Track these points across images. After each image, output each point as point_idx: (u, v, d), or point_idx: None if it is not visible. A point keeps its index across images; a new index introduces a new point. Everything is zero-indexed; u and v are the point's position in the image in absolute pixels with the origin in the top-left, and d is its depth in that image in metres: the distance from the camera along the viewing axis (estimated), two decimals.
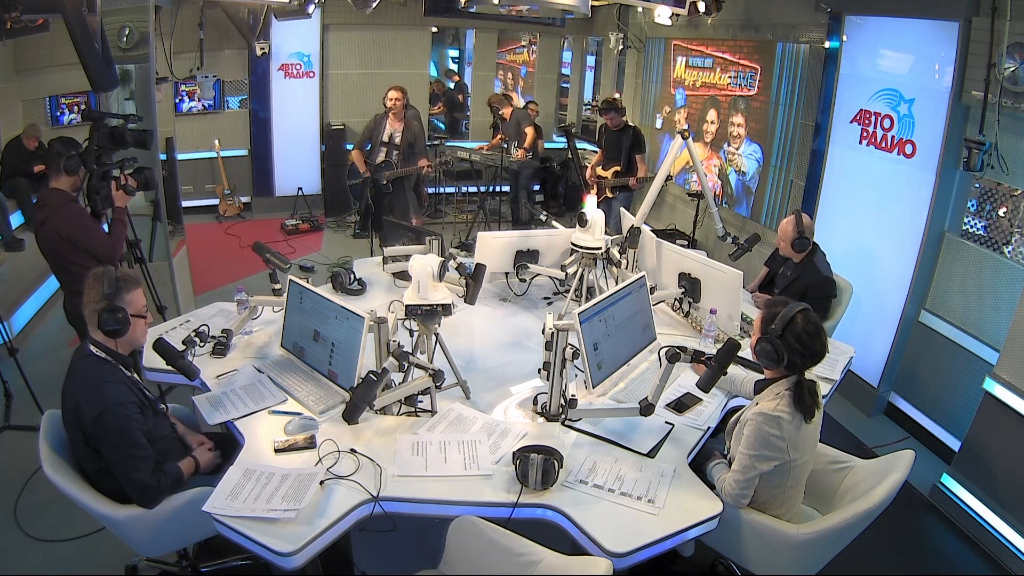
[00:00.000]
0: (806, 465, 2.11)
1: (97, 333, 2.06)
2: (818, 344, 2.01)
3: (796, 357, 2.00)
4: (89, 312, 2.04)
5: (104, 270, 2.06)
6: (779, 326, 1.99)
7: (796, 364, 2.02)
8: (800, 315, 1.99)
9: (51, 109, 5.73)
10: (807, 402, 2.01)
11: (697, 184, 5.49)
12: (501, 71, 9.04)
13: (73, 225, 2.88)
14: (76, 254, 2.89)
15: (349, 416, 2.13)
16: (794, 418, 2.00)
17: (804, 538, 2.00)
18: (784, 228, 3.30)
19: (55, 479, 1.99)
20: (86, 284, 2.06)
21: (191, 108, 6.90)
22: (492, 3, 4.34)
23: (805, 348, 1.99)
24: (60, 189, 2.92)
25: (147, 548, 2.20)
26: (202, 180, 7.07)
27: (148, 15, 4.06)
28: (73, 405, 2.01)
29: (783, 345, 1.99)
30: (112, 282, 2.03)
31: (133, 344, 2.14)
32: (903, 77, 3.76)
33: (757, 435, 2.00)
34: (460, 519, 1.84)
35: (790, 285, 3.32)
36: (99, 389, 1.99)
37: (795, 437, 2.01)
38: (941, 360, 3.58)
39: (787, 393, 2.02)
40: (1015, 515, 2.88)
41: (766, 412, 2.00)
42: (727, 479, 2.08)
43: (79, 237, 2.89)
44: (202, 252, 5.77)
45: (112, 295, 2.02)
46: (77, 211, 2.95)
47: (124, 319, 2.03)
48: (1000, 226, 3.30)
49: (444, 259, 2.45)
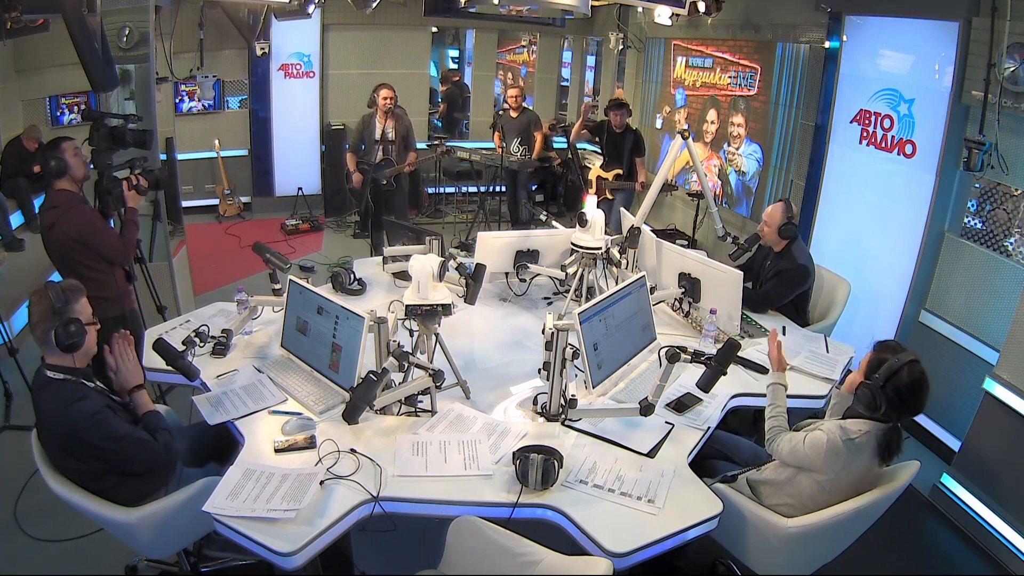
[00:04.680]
0: (834, 495, 2.08)
1: (51, 355, 1.98)
2: (919, 401, 1.98)
3: (893, 409, 1.97)
4: (40, 333, 1.95)
5: (48, 284, 1.98)
6: (883, 376, 1.96)
7: (891, 416, 2.00)
8: (907, 368, 1.95)
9: (51, 109, 5.73)
10: (891, 449, 2.02)
11: (697, 184, 5.49)
12: (501, 71, 9.04)
13: (84, 228, 2.85)
14: (87, 256, 2.87)
15: (349, 416, 2.13)
16: (864, 453, 2.01)
17: (793, 531, 2.01)
18: (772, 213, 3.28)
19: (56, 488, 1.98)
20: (29, 303, 1.97)
21: (191, 108, 6.90)
22: (492, 3, 4.34)
23: (904, 403, 1.96)
24: (66, 189, 2.89)
25: (152, 549, 2.20)
26: (202, 180, 7.06)
27: (148, 15, 4.06)
28: (56, 439, 1.96)
29: (883, 395, 1.96)
30: (59, 295, 1.95)
31: (88, 355, 2.06)
32: (903, 77, 3.76)
33: (828, 444, 2.00)
34: (460, 519, 1.84)
35: (770, 276, 3.30)
36: (72, 410, 1.92)
37: (851, 464, 2.02)
38: (941, 360, 3.58)
39: (874, 434, 2.01)
40: (1015, 515, 2.88)
41: (848, 429, 2.00)
42: (785, 442, 2.10)
43: (91, 239, 2.86)
44: (202, 252, 5.77)
45: (63, 308, 1.95)
46: (87, 212, 2.92)
47: (80, 330, 1.97)
48: (1000, 225, 3.30)
49: (444, 259, 2.45)
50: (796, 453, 2.07)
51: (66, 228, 2.83)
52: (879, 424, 2.02)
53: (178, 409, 3.11)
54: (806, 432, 2.09)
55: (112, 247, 2.92)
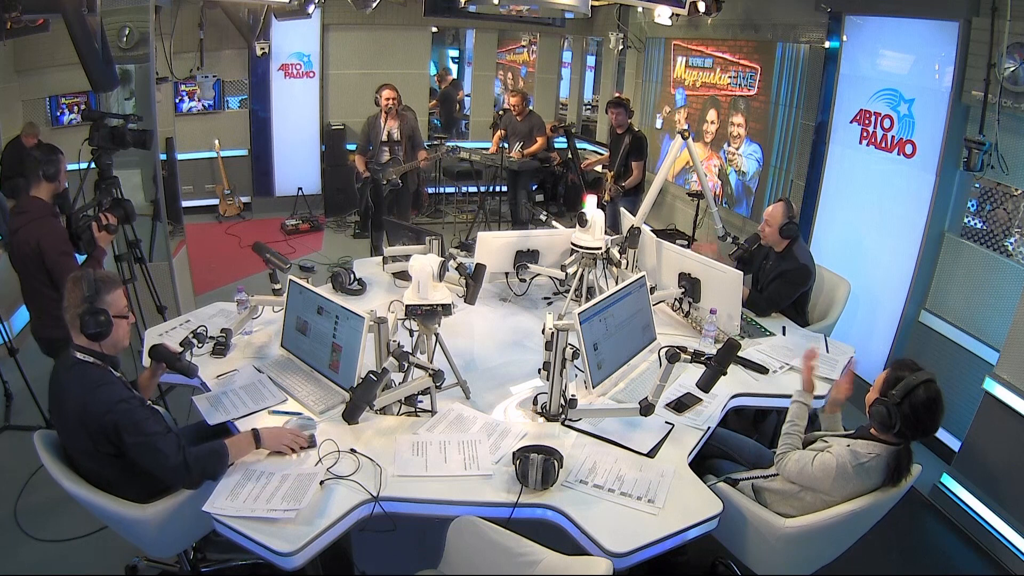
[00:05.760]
0: None
1: (80, 338, 2.00)
2: (934, 421, 1.98)
3: (908, 428, 1.97)
4: (71, 316, 1.99)
5: (83, 272, 2.02)
6: (900, 393, 1.95)
7: (906, 435, 2.00)
8: (923, 386, 1.94)
9: (51, 109, 5.73)
10: (901, 471, 2.01)
11: (697, 184, 5.49)
12: (501, 71, 9.04)
13: (47, 245, 2.74)
14: (39, 269, 2.76)
15: (349, 416, 2.13)
16: (873, 476, 2.00)
17: (791, 531, 2.01)
18: (773, 213, 3.27)
19: (63, 482, 1.98)
20: (65, 288, 2.00)
21: (191, 108, 6.90)
22: (492, 3, 4.34)
23: (919, 421, 1.96)
24: (40, 198, 2.82)
25: (157, 548, 2.20)
26: (202, 180, 7.06)
27: (148, 15, 4.06)
28: (75, 415, 1.96)
29: (898, 413, 1.95)
30: (92, 284, 1.99)
31: (117, 346, 2.09)
32: (903, 77, 3.76)
33: (838, 469, 1.99)
34: (460, 519, 1.84)
35: (770, 276, 3.30)
36: (97, 392, 1.95)
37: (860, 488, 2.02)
38: (941, 360, 3.58)
39: (884, 456, 2.01)
40: (1015, 515, 2.88)
41: (858, 452, 2.00)
42: (793, 462, 2.09)
43: (48, 254, 2.74)
44: (202, 252, 5.77)
45: (93, 297, 1.98)
46: (56, 227, 2.82)
47: (107, 321, 1.99)
48: (1000, 225, 3.30)
49: (444, 259, 2.44)
50: (804, 474, 2.05)
51: (29, 235, 2.73)
52: (889, 447, 2.02)
53: (178, 409, 3.13)
54: (815, 453, 2.07)
55: (65, 273, 2.68)
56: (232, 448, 2.03)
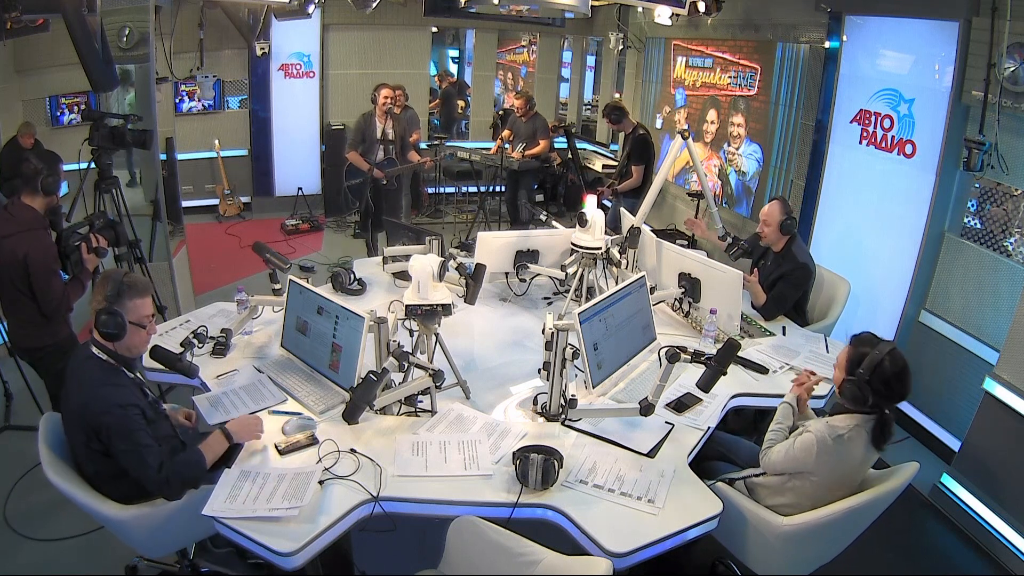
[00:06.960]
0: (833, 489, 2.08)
1: (97, 333, 2.04)
2: (905, 387, 2.01)
3: (881, 399, 2.00)
4: (92, 310, 2.03)
5: (114, 271, 2.04)
6: (867, 370, 1.98)
7: (879, 406, 2.02)
8: (888, 358, 1.98)
9: (51, 109, 5.72)
10: (885, 434, 2.04)
11: (697, 184, 5.49)
12: (501, 71, 9.04)
13: (35, 256, 2.67)
14: (23, 281, 2.69)
15: (349, 416, 2.13)
16: (857, 445, 2.02)
17: (789, 529, 2.01)
18: (770, 212, 3.27)
19: (56, 481, 1.99)
20: (97, 281, 2.03)
21: (191, 108, 6.90)
22: (492, 3, 4.34)
23: (891, 391, 2.00)
24: (33, 208, 2.74)
25: (148, 548, 2.20)
26: (202, 180, 7.06)
27: (148, 15, 4.06)
28: (76, 406, 2.00)
29: (869, 388, 1.98)
30: (116, 285, 2.01)
31: (131, 351, 2.11)
32: (903, 77, 3.76)
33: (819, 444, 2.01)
34: (460, 519, 1.84)
35: (770, 277, 3.30)
36: (102, 390, 1.98)
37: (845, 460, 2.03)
38: (941, 360, 3.58)
39: (863, 426, 2.03)
40: (1015, 515, 2.88)
41: (835, 426, 2.02)
42: (776, 452, 2.11)
43: (34, 268, 2.67)
44: (202, 252, 5.76)
45: (114, 298, 2.00)
46: (46, 243, 2.75)
47: (121, 324, 2.00)
48: (1000, 225, 3.30)
49: (444, 259, 2.45)
50: (788, 458, 2.08)
51: (17, 248, 2.66)
52: (866, 416, 2.04)
53: None
54: (794, 437, 2.10)
55: (48, 295, 2.71)
56: (207, 452, 2.05)
